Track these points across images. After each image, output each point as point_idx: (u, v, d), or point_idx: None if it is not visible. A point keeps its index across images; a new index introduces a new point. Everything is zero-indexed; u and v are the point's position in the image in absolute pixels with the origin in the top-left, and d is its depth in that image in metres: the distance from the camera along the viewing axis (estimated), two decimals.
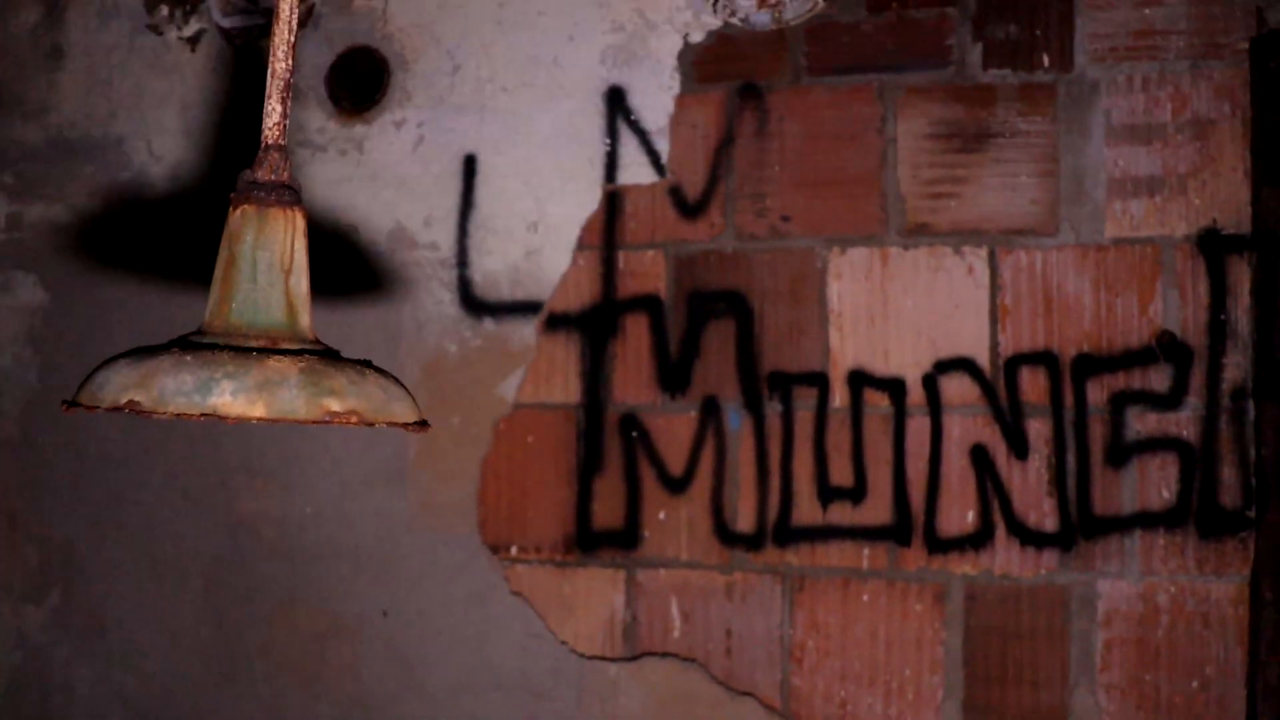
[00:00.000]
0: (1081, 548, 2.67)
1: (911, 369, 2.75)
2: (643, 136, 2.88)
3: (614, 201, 2.89)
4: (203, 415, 1.15)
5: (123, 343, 3.09)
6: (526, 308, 2.93)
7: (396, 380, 1.28)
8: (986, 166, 2.73)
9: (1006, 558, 2.71)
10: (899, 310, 2.76)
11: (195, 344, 1.21)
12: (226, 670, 3.10)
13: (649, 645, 2.86)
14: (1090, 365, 2.67)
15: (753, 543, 2.81)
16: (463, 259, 2.97)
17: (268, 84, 1.27)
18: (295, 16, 1.26)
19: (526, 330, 2.93)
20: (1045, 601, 2.69)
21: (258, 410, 1.15)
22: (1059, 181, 2.69)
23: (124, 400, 1.17)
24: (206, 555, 3.12)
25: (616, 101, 2.90)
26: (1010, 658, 2.70)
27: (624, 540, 2.87)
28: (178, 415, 1.15)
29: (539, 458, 2.92)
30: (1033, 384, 2.70)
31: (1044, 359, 2.69)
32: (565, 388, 2.90)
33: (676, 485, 2.85)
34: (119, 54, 3.20)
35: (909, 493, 2.74)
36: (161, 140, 3.16)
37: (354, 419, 1.18)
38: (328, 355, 1.24)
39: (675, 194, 2.87)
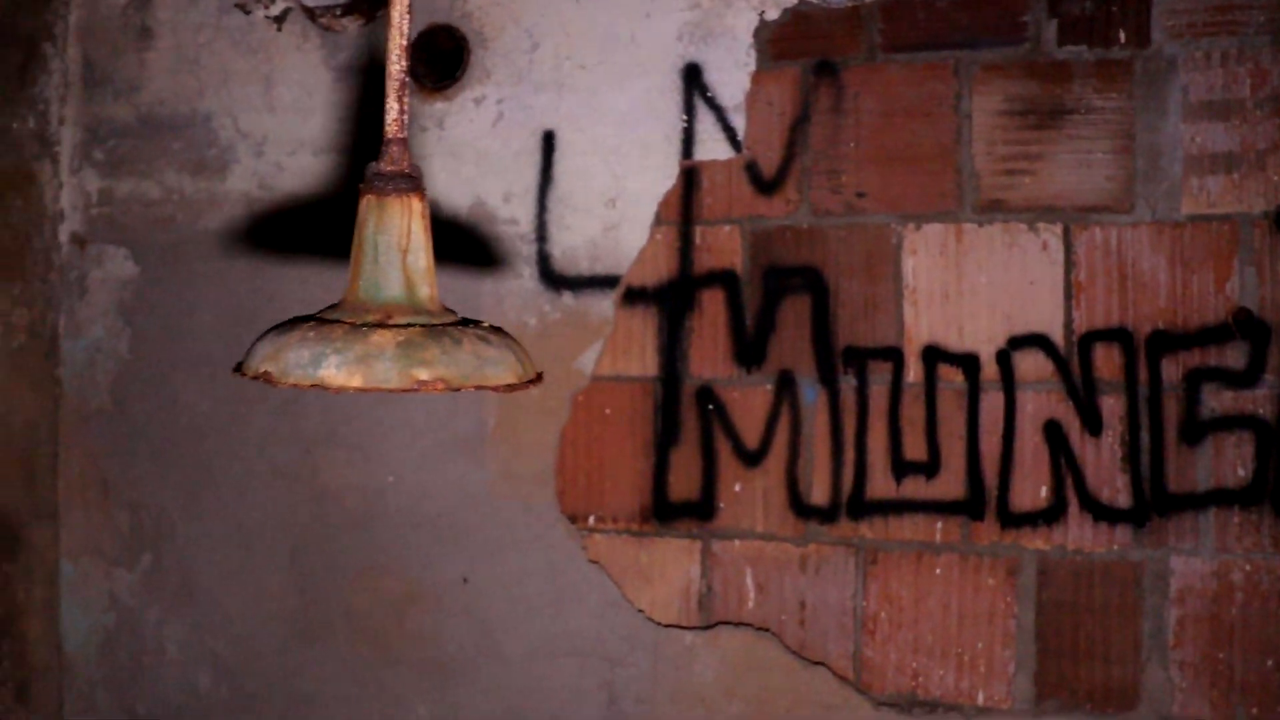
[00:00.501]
0: (1155, 524, 2.68)
1: (985, 345, 2.77)
2: (719, 113, 2.91)
3: (691, 178, 2.93)
4: (312, 385, 1.29)
5: (209, 315, 3.21)
6: (604, 282, 2.97)
7: (508, 343, 1.40)
8: (1061, 143, 2.73)
9: (1079, 533, 2.72)
10: (973, 286, 2.77)
11: (325, 318, 1.36)
12: (310, 634, 3.19)
13: (724, 615, 2.91)
14: (1165, 342, 2.67)
15: (827, 515, 2.85)
16: (542, 234, 3.02)
17: (386, 84, 1.40)
18: (406, 22, 1.38)
19: (605, 304, 2.98)
20: (1118, 577, 2.70)
21: (356, 381, 1.28)
22: (1135, 158, 2.69)
23: (261, 370, 1.33)
24: (292, 523, 3.20)
25: (693, 78, 2.92)
26: (1082, 633, 2.72)
27: (700, 511, 2.92)
28: (294, 385, 1.30)
29: (616, 429, 2.97)
30: (1107, 361, 2.70)
31: (1118, 336, 2.70)
32: (643, 361, 2.95)
33: (752, 458, 2.89)
34: (206, 33, 3.27)
35: (982, 468, 2.77)
36: (248, 117, 3.23)
37: (440, 386, 1.29)
38: (434, 324, 1.36)
39: (751, 170, 2.89)
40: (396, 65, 1.39)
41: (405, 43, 1.39)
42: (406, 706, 3.11)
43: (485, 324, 1.42)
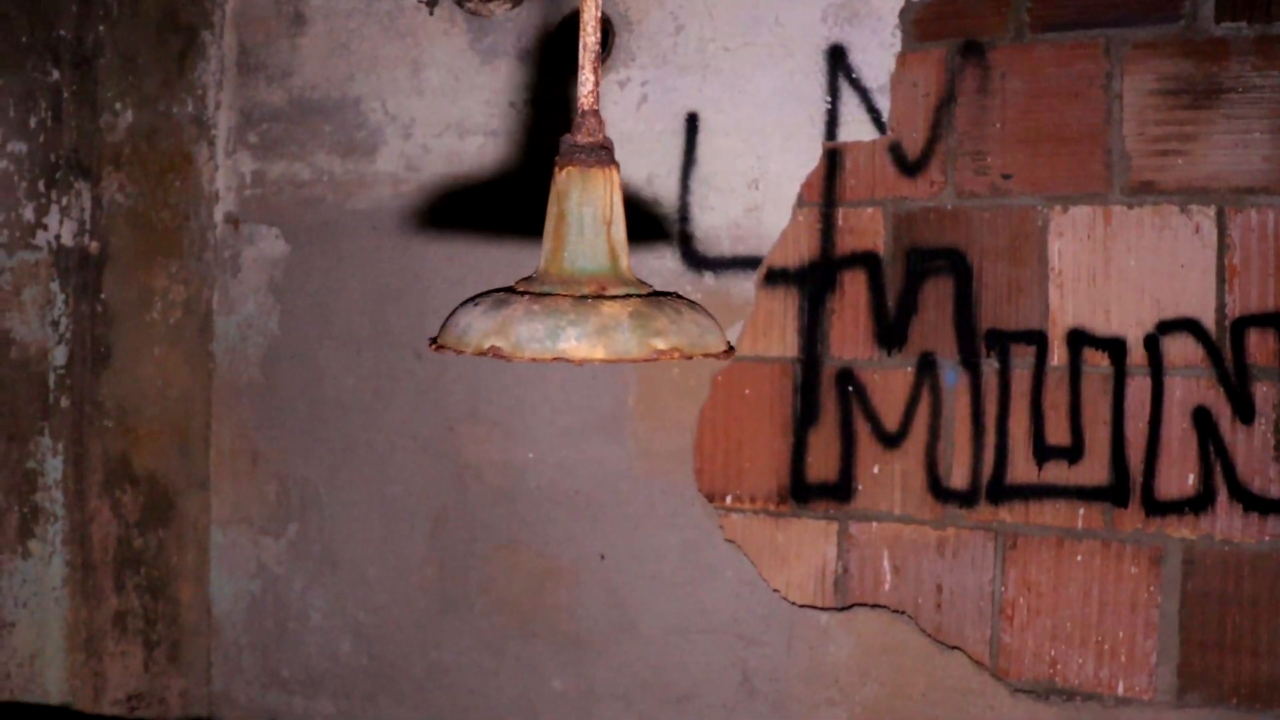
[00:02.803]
0: None
1: (1133, 329, 2.72)
2: (863, 94, 2.90)
3: (834, 159, 2.93)
4: (554, 359, 1.32)
5: (356, 293, 3.29)
6: (746, 263, 2.99)
7: (705, 313, 1.44)
8: (1216, 123, 2.67)
9: (1228, 523, 2.66)
10: (1121, 270, 2.73)
11: (538, 291, 1.39)
12: (449, 605, 3.26)
13: (859, 596, 2.91)
14: None
15: (966, 499, 2.83)
16: (684, 215, 3.04)
17: (580, 55, 1.44)
18: None
19: (746, 285, 2.99)
20: (1268, 569, 2.64)
21: (599, 353, 1.32)
22: None
23: (487, 345, 1.35)
24: (433, 497, 3.28)
25: (837, 60, 2.92)
26: (1229, 625, 2.66)
27: (837, 493, 2.92)
28: (533, 359, 1.33)
29: (755, 410, 2.98)
30: (1261, 346, 2.64)
31: (1274, 321, 2.62)
32: (783, 342, 2.96)
33: (891, 440, 2.88)
34: (357, 19, 3.36)
35: (1127, 454, 2.72)
36: (396, 100, 3.31)
37: (676, 354, 1.34)
38: (646, 295, 1.40)
39: (895, 151, 2.88)
40: (591, 37, 1.43)
41: (599, 14, 1.44)
42: (542, 679, 3.17)
43: (677, 295, 1.46)
